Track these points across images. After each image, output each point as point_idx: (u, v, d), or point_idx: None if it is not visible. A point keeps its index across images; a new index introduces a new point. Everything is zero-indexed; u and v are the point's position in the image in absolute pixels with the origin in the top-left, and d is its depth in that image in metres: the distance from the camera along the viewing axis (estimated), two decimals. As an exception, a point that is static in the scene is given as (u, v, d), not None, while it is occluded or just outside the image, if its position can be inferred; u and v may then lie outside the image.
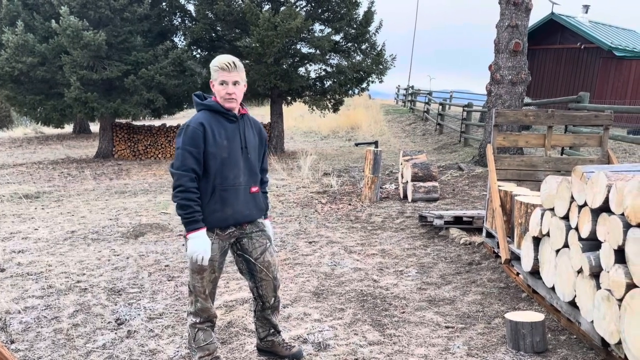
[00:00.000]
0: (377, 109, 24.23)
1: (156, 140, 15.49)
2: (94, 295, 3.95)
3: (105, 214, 7.34)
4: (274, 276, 2.73)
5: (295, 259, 4.88)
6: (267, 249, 2.70)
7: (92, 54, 11.96)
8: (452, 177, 9.09)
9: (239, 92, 2.52)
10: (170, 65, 13.00)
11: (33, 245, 5.52)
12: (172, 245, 5.50)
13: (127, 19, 12.75)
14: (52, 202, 8.39)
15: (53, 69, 12.42)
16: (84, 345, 3.11)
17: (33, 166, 13.12)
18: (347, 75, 13.97)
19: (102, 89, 12.89)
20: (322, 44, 13.40)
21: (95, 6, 12.13)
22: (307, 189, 8.74)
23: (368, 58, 14.61)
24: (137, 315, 3.52)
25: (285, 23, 12.11)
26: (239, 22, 13.51)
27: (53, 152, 16.60)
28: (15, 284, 4.24)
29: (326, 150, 15.57)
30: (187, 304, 2.72)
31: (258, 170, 2.67)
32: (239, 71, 2.49)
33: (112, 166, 13.16)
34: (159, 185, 10.22)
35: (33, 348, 3.08)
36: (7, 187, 9.65)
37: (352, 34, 14.35)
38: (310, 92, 15.08)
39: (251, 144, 2.60)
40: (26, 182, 10.38)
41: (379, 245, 5.34)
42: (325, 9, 14.34)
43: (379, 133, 18.84)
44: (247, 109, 2.67)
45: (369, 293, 3.93)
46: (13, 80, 12.40)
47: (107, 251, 5.26)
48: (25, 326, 3.37)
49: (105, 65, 12.57)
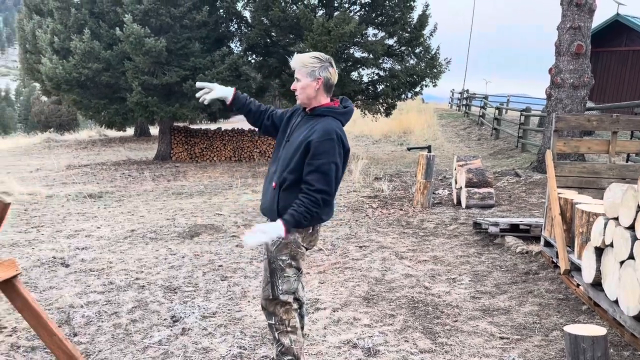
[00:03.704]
0: (430, 113, 23.87)
1: (212, 144, 15.89)
2: (151, 292, 4.10)
3: (162, 214, 7.60)
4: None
5: (345, 263, 4.88)
6: (266, 262, 2.66)
7: (153, 60, 12.43)
8: (509, 184, 8.82)
9: (299, 88, 2.57)
10: (226, 70, 13.32)
11: (95, 243, 5.79)
12: (226, 245, 5.62)
13: (186, 26, 13.17)
14: (113, 202, 8.77)
15: (116, 74, 13.00)
16: (141, 340, 3.23)
17: (97, 167, 13.77)
18: (400, 79, 13.84)
19: (161, 94, 13.37)
20: (375, 48, 13.35)
21: (157, 14, 12.61)
22: (358, 193, 8.72)
23: (422, 62, 14.42)
24: (191, 314, 3.62)
25: (339, 28, 12.16)
26: (293, 28, 13.68)
27: (115, 154, 17.36)
28: (78, 279, 4.45)
29: (378, 155, 15.48)
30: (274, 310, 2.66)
31: (287, 171, 2.54)
32: (299, 68, 2.56)
33: (170, 168, 13.61)
34: (214, 187, 10.47)
35: (94, 341, 3.22)
36: (73, 187, 10.17)
37: (406, 37, 14.22)
38: (363, 97, 15.04)
39: (294, 141, 2.57)
40: (90, 183, 10.90)
41: (431, 251, 5.25)
42: (379, 13, 14.28)
43: (432, 137, 18.54)
44: (332, 114, 2.57)
45: (420, 300, 3.87)
46: (80, 85, 13.07)
47: (164, 250, 5.44)
48: (87, 320, 3.54)
49: (165, 71, 13.03)
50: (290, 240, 2.55)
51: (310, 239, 2.65)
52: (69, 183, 10.81)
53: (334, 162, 2.46)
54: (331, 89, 2.63)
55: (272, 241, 2.58)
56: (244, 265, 4.84)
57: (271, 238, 2.42)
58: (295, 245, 2.58)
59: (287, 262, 2.58)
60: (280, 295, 2.61)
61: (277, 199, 2.56)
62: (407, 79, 13.99)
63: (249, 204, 8.14)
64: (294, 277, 2.63)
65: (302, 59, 2.58)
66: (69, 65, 12.48)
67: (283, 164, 2.56)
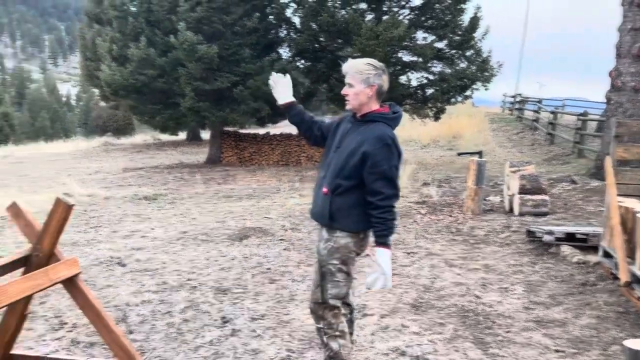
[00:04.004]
0: (481, 117, 23.34)
1: (260, 148, 16.14)
2: (202, 293, 4.20)
3: (213, 216, 7.78)
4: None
5: (394, 270, 4.82)
6: (319, 261, 2.70)
7: (205, 66, 12.77)
8: (564, 191, 8.50)
9: (351, 94, 2.59)
10: (275, 75, 13.51)
11: (150, 244, 5.99)
12: (274, 249, 5.68)
13: (238, 32, 13.47)
14: (166, 204, 9.05)
15: (170, 80, 13.43)
16: (193, 340, 3.32)
17: (151, 170, 14.26)
18: (450, 83, 13.62)
19: (213, 99, 13.71)
20: (424, 52, 13.21)
21: (209, 21, 12.96)
22: (405, 199, 8.62)
23: (473, 65, 14.14)
24: (240, 315, 3.69)
25: (388, 32, 12.11)
26: (341, 33, 13.73)
27: (168, 158, 17.92)
28: (134, 278, 4.62)
29: (426, 160, 15.27)
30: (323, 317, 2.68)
31: (340, 177, 2.55)
32: (352, 74, 2.58)
33: (220, 171, 13.92)
34: (262, 190, 10.63)
35: (148, 339, 3.33)
36: (129, 189, 10.57)
37: (457, 40, 13.98)
38: (411, 101, 14.89)
39: (346, 147, 2.58)
40: (145, 185, 11.29)
41: (481, 259, 5.13)
42: (428, 17, 14.13)
43: (482, 142, 18.12)
44: (383, 120, 2.59)
45: (471, 309, 3.79)
46: (136, 91, 13.59)
47: (215, 252, 5.57)
48: (142, 318, 3.67)
49: (216, 77, 13.36)
50: (342, 244, 2.58)
51: (362, 243, 2.66)
52: (125, 185, 11.24)
53: (393, 165, 2.53)
54: (382, 96, 2.64)
55: (323, 245, 2.61)
56: (292, 269, 4.88)
57: (387, 269, 2.50)
58: (346, 250, 2.60)
59: (337, 266, 2.60)
60: (330, 299, 2.63)
61: (329, 204, 2.58)
62: (457, 82, 13.75)
63: (297, 207, 8.21)
64: (344, 282, 2.64)
65: (356, 65, 2.60)
66: (126, 72, 13.00)
67: (335, 170, 2.58)
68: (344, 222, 2.58)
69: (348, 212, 2.57)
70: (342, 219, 2.57)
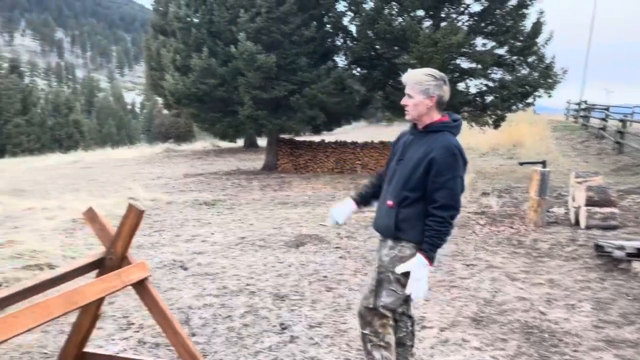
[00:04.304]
0: (543, 125, 22.51)
1: (315, 155, 16.26)
2: (261, 298, 4.27)
3: (270, 222, 7.90)
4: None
5: (452, 282, 4.73)
6: (374, 271, 2.69)
7: (264, 75, 13.04)
8: (635, 203, 8.04)
9: (411, 104, 2.58)
10: (331, 84, 13.61)
11: (210, 248, 6.16)
12: (330, 256, 5.70)
13: (295, 41, 13.68)
14: (225, 210, 9.27)
15: (230, 89, 13.80)
16: (253, 345, 3.38)
17: (210, 176, 14.67)
18: (511, 90, 13.22)
19: (270, 107, 13.96)
20: (484, 58, 12.90)
21: (268, 31, 13.24)
22: (464, 209, 8.42)
23: (535, 71, 13.67)
24: (298, 322, 3.72)
25: (446, 39, 11.92)
26: (398, 40, 13.64)
27: (226, 164, 18.38)
28: (195, 282, 4.76)
29: (485, 168, 14.88)
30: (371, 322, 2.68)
31: (406, 189, 2.54)
32: (412, 85, 2.58)
33: (276, 178, 14.13)
34: (317, 198, 10.70)
35: (210, 343, 3.42)
36: (189, 194, 10.92)
37: (518, 46, 13.56)
38: (470, 108, 14.57)
39: (409, 158, 2.57)
40: (205, 191, 11.63)
41: (545, 274, 4.94)
42: (489, 22, 13.79)
43: (545, 151, 17.45)
44: (447, 129, 2.57)
45: (535, 325, 3.65)
46: (197, 99, 14.04)
47: (272, 258, 5.65)
48: (204, 322, 3.77)
49: (274, 85, 13.60)
50: (406, 255, 2.56)
51: None
52: (186, 190, 11.61)
53: (458, 176, 2.49)
54: (443, 106, 2.61)
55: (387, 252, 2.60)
56: (348, 277, 4.88)
57: (419, 277, 2.48)
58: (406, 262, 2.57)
59: (396, 275, 2.57)
60: (381, 307, 2.61)
61: (395, 216, 2.58)
62: (518, 89, 13.32)
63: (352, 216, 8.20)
64: (400, 294, 2.60)
65: (415, 75, 2.58)
66: (188, 82, 13.47)
67: (399, 182, 2.57)
68: (410, 233, 2.56)
69: (414, 223, 2.55)
70: (408, 229, 2.56)
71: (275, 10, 13.15)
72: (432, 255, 2.48)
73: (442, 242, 2.49)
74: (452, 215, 2.48)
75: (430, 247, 2.48)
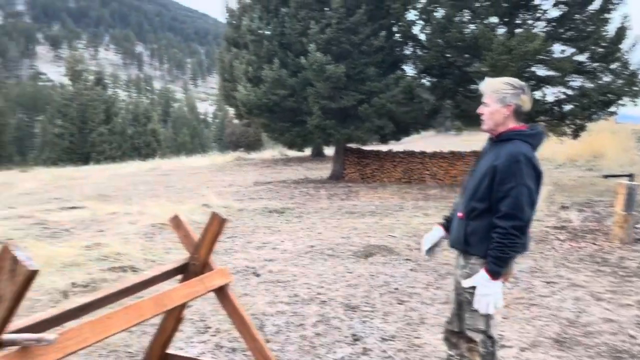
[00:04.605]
0: (626, 135, 21.16)
1: (382, 165, 16.16)
2: (332, 308, 4.28)
3: (338, 232, 7.92)
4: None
5: (531, 300, 4.52)
6: (454, 293, 2.63)
7: (333, 85, 13.16)
8: None
9: (486, 113, 2.53)
10: (400, 93, 13.51)
11: (280, 256, 6.26)
12: (400, 268, 5.62)
13: (364, 51, 13.72)
14: (294, 218, 9.40)
15: (299, 99, 14.04)
16: (325, 354, 3.39)
17: (278, 184, 14.95)
18: (592, 99, 12.53)
19: (338, 117, 14.06)
20: (562, 66, 12.33)
21: (338, 42, 13.37)
22: (541, 222, 8.06)
23: (619, 79, 12.89)
24: (370, 334, 3.69)
25: (522, 46, 11.51)
26: (470, 48, 13.33)
27: (294, 173, 18.67)
28: (268, 289, 4.85)
29: (562, 180, 14.17)
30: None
31: (474, 199, 2.48)
32: (489, 93, 2.52)
33: (343, 187, 14.17)
34: (385, 208, 10.61)
35: (283, 350, 3.47)
36: (259, 202, 11.18)
37: (600, 53, 12.85)
38: (547, 117, 13.95)
39: (480, 169, 2.53)
40: (274, 199, 11.86)
41: (635, 295, 4.61)
42: (567, 28, 13.19)
43: (628, 163, 16.39)
44: (520, 137, 2.46)
45: (624, 350, 3.42)
46: (268, 110, 14.39)
47: (342, 268, 5.66)
48: (277, 329, 3.83)
49: (342, 95, 13.70)
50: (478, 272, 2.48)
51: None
52: (256, 198, 11.90)
53: (523, 184, 2.35)
54: (522, 117, 2.53)
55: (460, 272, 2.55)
56: (420, 291, 4.79)
57: (490, 293, 2.41)
58: None
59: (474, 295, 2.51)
60: (467, 330, 2.54)
61: (464, 229, 2.53)
62: (599, 97, 12.61)
63: (421, 227, 8.06)
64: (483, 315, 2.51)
65: (493, 84, 2.54)
66: (260, 92, 13.84)
67: (469, 193, 2.53)
68: (479, 248, 2.48)
69: (483, 236, 2.46)
70: (476, 244, 2.48)
71: (345, 21, 13.27)
72: (495, 269, 2.37)
73: (507, 255, 2.36)
74: (515, 226, 2.34)
75: (493, 260, 2.37)
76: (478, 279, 2.42)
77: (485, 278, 2.38)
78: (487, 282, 2.38)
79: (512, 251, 2.37)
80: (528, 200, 2.36)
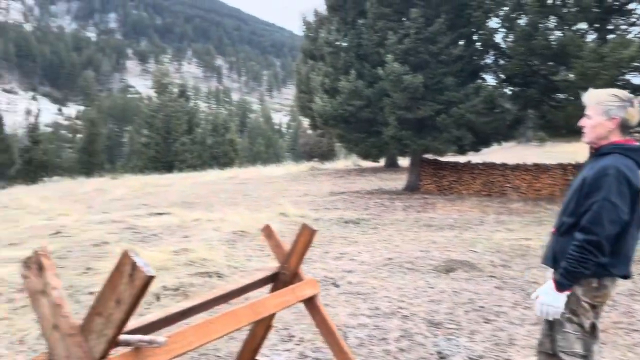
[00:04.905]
0: None
1: (460, 177, 15.74)
2: (415, 323, 4.20)
3: (416, 245, 7.78)
4: None
5: (631, 324, 4.20)
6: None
7: (410, 95, 13.04)
8: None
9: (588, 125, 2.42)
10: (480, 103, 13.13)
11: (358, 267, 6.24)
12: (484, 285, 5.43)
13: (443, 61, 13.49)
14: (369, 229, 9.36)
15: (375, 110, 14.03)
16: (410, 371, 3.32)
17: (352, 195, 14.96)
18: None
19: (415, 127, 13.89)
20: (661, 73, 11.47)
21: (416, 52, 13.24)
22: None
23: None
24: (457, 353, 3.58)
25: (615, 53, 10.83)
26: (556, 55, 12.73)
27: (368, 183, 18.61)
28: (348, 300, 4.85)
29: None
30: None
31: (565, 214, 2.40)
32: (591, 105, 2.41)
33: (419, 199, 13.94)
34: (464, 221, 10.31)
35: (367, 363, 3.44)
36: (335, 212, 11.24)
37: None
38: (642, 129, 13.01)
39: (573, 184, 2.44)
40: (349, 209, 11.88)
41: None
42: (668, 32, 12.27)
43: None
44: (619, 151, 2.31)
45: None
46: (344, 120, 14.50)
47: (422, 282, 5.54)
48: (359, 341, 3.81)
49: (419, 105, 13.52)
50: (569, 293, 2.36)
51: (595, 294, 2.36)
52: (332, 208, 11.97)
53: (606, 199, 2.20)
54: (627, 131, 2.38)
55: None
56: (507, 310, 4.59)
57: (551, 303, 2.33)
58: (574, 299, 2.36)
59: (566, 316, 2.38)
60: (560, 352, 2.41)
61: (554, 244, 2.45)
62: None
63: (505, 243, 7.75)
64: (575, 335, 2.38)
65: (597, 95, 2.42)
66: (336, 103, 13.97)
67: (562, 208, 2.46)
68: None
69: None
70: (563, 261, 2.36)
71: (423, 30, 13.13)
72: (561, 281, 2.30)
73: (576, 270, 2.25)
74: (589, 241, 2.21)
75: (562, 271, 2.29)
76: (544, 287, 2.38)
77: (550, 287, 2.34)
78: (551, 290, 2.33)
79: (582, 266, 2.25)
80: (610, 216, 2.21)
